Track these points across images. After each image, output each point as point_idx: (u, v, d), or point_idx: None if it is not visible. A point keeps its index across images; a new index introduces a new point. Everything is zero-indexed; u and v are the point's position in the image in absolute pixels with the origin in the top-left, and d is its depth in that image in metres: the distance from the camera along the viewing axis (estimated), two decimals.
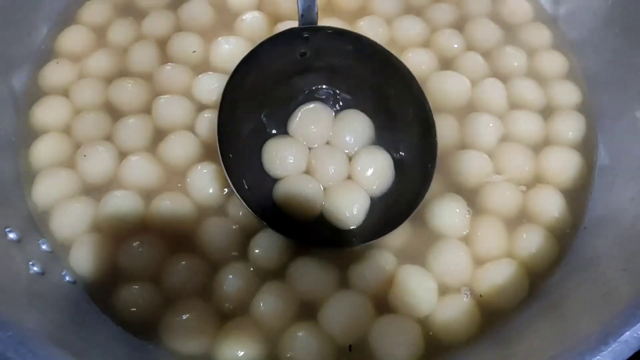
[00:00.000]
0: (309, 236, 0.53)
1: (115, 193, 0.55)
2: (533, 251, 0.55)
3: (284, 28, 0.60)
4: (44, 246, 0.54)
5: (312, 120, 0.58)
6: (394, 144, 0.58)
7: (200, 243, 0.54)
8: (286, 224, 0.53)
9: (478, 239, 0.55)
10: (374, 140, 0.58)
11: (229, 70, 0.61)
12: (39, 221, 0.55)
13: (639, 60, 0.58)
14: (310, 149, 0.57)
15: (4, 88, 0.60)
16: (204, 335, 0.50)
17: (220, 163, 0.52)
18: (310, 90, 0.59)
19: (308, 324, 0.51)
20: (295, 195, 0.54)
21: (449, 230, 0.55)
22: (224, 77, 0.60)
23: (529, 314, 0.51)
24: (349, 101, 0.59)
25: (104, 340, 0.50)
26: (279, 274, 0.53)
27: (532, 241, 0.55)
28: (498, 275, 0.53)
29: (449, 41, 0.66)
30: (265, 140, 0.57)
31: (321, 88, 0.59)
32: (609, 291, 0.45)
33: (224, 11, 0.67)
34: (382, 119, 0.58)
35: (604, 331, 0.39)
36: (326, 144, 0.58)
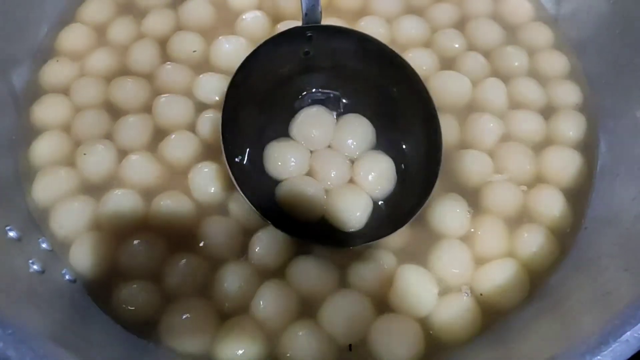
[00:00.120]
0: (310, 234, 0.53)
1: (116, 192, 0.55)
2: (534, 251, 0.54)
3: (284, 28, 0.59)
4: (44, 245, 0.54)
5: (314, 123, 0.57)
6: (397, 145, 0.58)
7: (200, 242, 0.54)
8: (288, 224, 0.53)
9: (479, 238, 0.55)
10: (375, 145, 0.58)
11: (229, 70, 0.61)
12: (39, 220, 0.55)
13: None
14: (311, 152, 0.57)
15: (4, 86, 0.60)
16: (204, 334, 0.50)
17: (225, 162, 0.52)
18: (313, 91, 0.59)
19: (308, 323, 0.51)
20: (298, 196, 0.54)
21: (450, 230, 0.55)
22: (225, 77, 0.61)
23: (530, 314, 0.51)
24: (352, 103, 0.59)
25: (103, 339, 0.50)
26: (279, 273, 0.53)
27: (533, 241, 0.55)
28: (499, 275, 0.53)
29: (450, 41, 0.66)
30: (268, 140, 0.57)
31: (323, 91, 0.59)
32: (609, 291, 0.45)
33: (224, 10, 0.67)
34: (386, 119, 0.58)
35: (604, 331, 0.39)
36: (327, 148, 0.57)
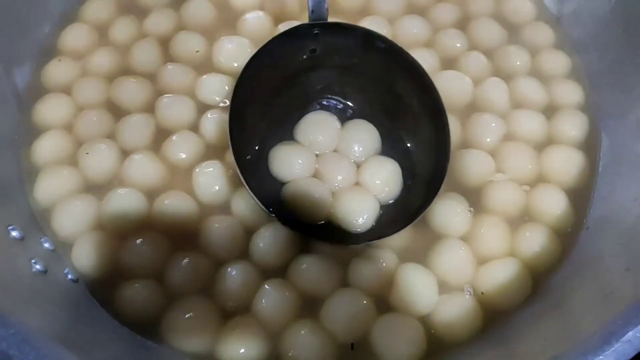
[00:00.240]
0: (313, 232, 0.53)
1: (118, 191, 0.55)
2: (536, 250, 0.54)
3: (286, 28, 0.59)
4: (46, 244, 0.54)
5: (319, 128, 0.57)
6: (403, 144, 0.58)
7: (203, 241, 0.54)
8: (293, 223, 0.53)
9: (480, 237, 0.55)
10: (381, 150, 0.58)
11: (231, 70, 0.62)
12: (41, 219, 0.55)
13: None
14: (317, 155, 0.57)
15: (7, 86, 0.60)
16: (207, 333, 0.50)
17: (232, 158, 0.52)
18: (320, 90, 0.59)
19: (310, 321, 0.51)
20: (305, 197, 0.54)
21: (451, 230, 0.55)
22: (227, 78, 0.61)
23: (532, 313, 0.51)
24: (358, 100, 0.59)
25: (106, 338, 0.49)
26: (281, 272, 0.53)
27: (535, 240, 0.55)
28: (500, 274, 0.53)
29: (452, 41, 0.66)
30: (273, 139, 0.57)
31: (330, 96, 0.59)
32: (612, 291, 0.45)
33: (226, 10, 0.67)
34: (392, 117, 0.58)
35: (607, 331, 0.39)
36: (333, 152, 0.57)
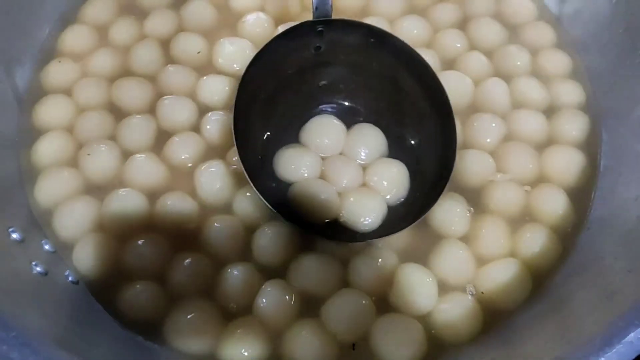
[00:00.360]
0: (316, 230, 0.53)
1: (120, 192, 0.55)
2: (536, 250, 0.54)
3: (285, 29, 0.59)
4: (46, 246, 0.54)
5: (325, 132, 0.57)
6: (409, 142, 0.58)
7: (204, 241, 0.54)
8: (297, 222, 0.53)
9: (481, 238, 0.55)
10: (387, 153, 0.58)
11: (232, 71, 0.62)
12: (42, 221, 0.55)
13: None
14: (323, 159, 0.57)
15: (7, 87, 0.60)
16: (209, 335, 0.50)
17: (237, 155, 0.52)
18: (325, 87, 0.59)
19: (311, 322, 0.51)
20: (311, 198, 0.54)
21: (450, 230, 0.55)
22: (229, 79, 0.61)
23: (533, 314, 0.51)
24: (363, 102, 0.59)
25: (107, 341, 0.50)
26: (282, 272, 0.53)
27: (535, 240, 0.55)
28: (501, 274, 0.53)
29: (452, 41, 0.65)
30: (277, 140, 0.57)
31: (335, 96, 0.59)
32: (613, 292, 0.45)
33: (226, 11, 0.67)
34: (397, 115, 0.58)
35: (608, 332, 0.39)
36: (339, 155, 0.58)
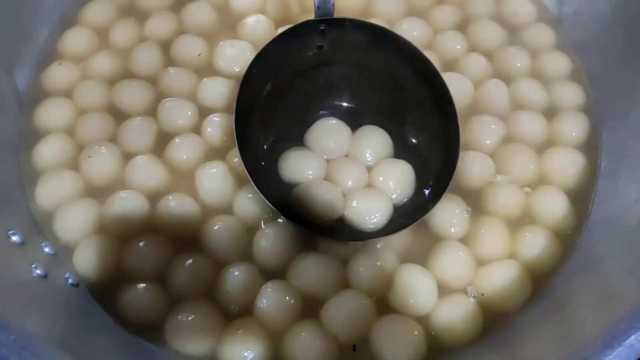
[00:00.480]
0: (318, 230, 0.53)
1: (121, 193, 0.55)
2: (536, 252, 0.54)
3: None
4: (46, 249, 0.54)
5: (330, 135, 0.57)
6: (410, 142, 0.58)
7: (205, 242, 0.54)
8: (300, 222, 0.53)
9: (481, 239, 0.55)
10: (392, 155, 0.58)
11: (232, 73, 0.62)
12: (42, 223, 0.55)
13: None
14: (328, 161, 0.57)
15: (7, 89, 0.60)
16: (210, 336, 0.50)
17: (239, 156, 0.52)
18: (327, 87, 0.59)
19: (312, 323, 0.51)
20: (316, 199, 0.54)
21: (449, 231, 0.55)
22: (229, 81, 0.61)
23: (533, 316, 0.51)
24: (366, 101, 0.59)
25: (107, 343, 0.49)
26: (283, 272, 0.53)
27: (536, 242, 0.55)
28: (501, 276, 0.53)
29: (452, 43, 0.66)
30: (279, 142, 0.57)
31: (337, 97, 0.59)
32: (614, 294, 0.45)
33: (226, 14, 0.67)
34: (401, 114, 0.58)
35: (609, 335, 0.39)
36: (345, 157, 0.57)
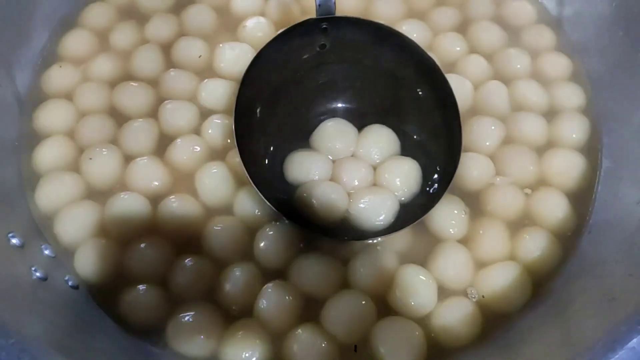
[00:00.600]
0: (319, 230, 0.53)
1: (122, 195, 0.55)
2: (536, 254, 0.54)
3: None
4: (46, 251, 0.54)
5: (336, 136, 0.57)
6: (412, 140, 0.58)
7: (205, 243, 0.54)
8: (301, 222, 0.53)
9: (480, 241, 0.55)
10: (399, 153, 0.58)
11: (233, 75, 0.61)
12: (42, 226, 0.55)
13: None
14: (334, 161, 0.57)
15: (8, 92, 0.60)
16: (211, 338, 0.50)
17: (237, 162, 0.52)
18: (330, 85, 0.59)
19: (312, 323, 0.51)
20: (320, 199, 0.54)
21: (448, 232, 0.55)
22: (230, 83, 0.61)
23: (533, 319, 0.51)
24: (369, 100, 0.59)
25: (108, 346, 0.49)
26: (283, 273, 0.53)
27: (536, 244, 0.55)
28: (500, 278, 0.53)
29: (452, 44, 0.66)
30: (283, 140, 0.57)
31: (340, 97, 0.59)
32: (614, 296, 0.44)
33: (227, 16, 0.67)
34: (403, 112, 0.58)
35: (610, 338, 0.39)
36: (351, 157, 0.57)
